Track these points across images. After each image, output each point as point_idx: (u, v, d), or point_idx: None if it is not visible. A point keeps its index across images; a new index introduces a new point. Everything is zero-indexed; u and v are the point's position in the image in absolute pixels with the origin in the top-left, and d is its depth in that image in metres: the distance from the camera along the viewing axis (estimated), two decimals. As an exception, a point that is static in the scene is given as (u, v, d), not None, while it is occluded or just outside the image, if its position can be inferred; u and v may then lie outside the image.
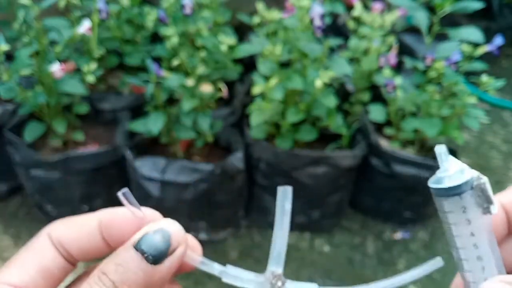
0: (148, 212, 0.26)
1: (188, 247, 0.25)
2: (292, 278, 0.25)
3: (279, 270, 0.25)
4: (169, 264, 0.23)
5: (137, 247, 0.22)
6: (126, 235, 0.24)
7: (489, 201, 0.23)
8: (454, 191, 0.23)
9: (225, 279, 0.25)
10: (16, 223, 1.30)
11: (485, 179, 0.23)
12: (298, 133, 1.19)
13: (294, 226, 1.30)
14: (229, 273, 0.25)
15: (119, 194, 0.24)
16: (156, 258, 0.22)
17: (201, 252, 0.26)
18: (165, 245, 0.23)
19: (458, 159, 0.25)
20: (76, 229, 0.25)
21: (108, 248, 0.25)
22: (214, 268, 0.25)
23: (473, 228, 0.23)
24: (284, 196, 0.25)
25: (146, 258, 0.22)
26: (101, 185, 1.25)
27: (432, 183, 0.25)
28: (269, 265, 0.25)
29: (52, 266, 0.24)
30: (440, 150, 0.25)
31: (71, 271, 0.25)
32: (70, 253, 0.25)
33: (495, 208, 0.23)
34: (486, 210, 0.23)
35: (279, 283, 0.24)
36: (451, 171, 0.24)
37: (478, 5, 1.11)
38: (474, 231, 0.23)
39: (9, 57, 1.08)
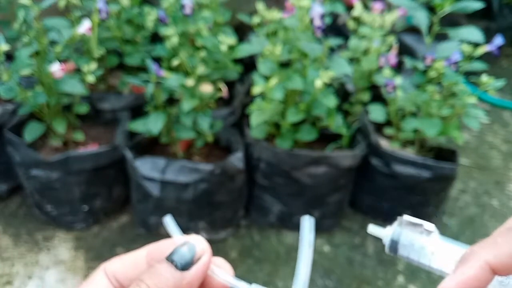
0: (188, 236, 0.29)
1: (217, 266, 0.28)
2: (292, 278, 0.26)
3: None
4: (195, 270, 0.26)
5: (168, 258, 0.26)
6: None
7: (420, 225, 0.26)
8: (394, 240, 0.27)
9: None
10: (16, 223, 1.30)
11: (404, 217, 0.27)
12: (298, 133, 1.19)
13: (294, 226, 1.30)
14: None
15: (164, 219, 0.29)
16: (183, 265, 0.26)
17: (232, 272, 0.28)
18: (191, 254, 0.26)
19: (458, 159, 0.27)
20: (126, 262, 0.28)
21: None
22: (240, 286, 0.27)
23: (430, 247, 0.26)
24: (308, 227, 0.27)
25: (175, 266, 0.26)
26: (101, 185, 1.25)
27: (389, 250, 0.28)
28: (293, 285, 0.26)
29: None
30: (372, 230, 0.29)
31: None
32: (122, 283, 0.28)
33: (430, 226, 0.26)
34: (425, 232, 0.26)
35: None
36: (386, 242, 0.28)
37: (478, 5, 1.11)
38: (433, 250, 0.26)
39: (9, 57, 1.08)
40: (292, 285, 0.27)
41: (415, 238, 0.27)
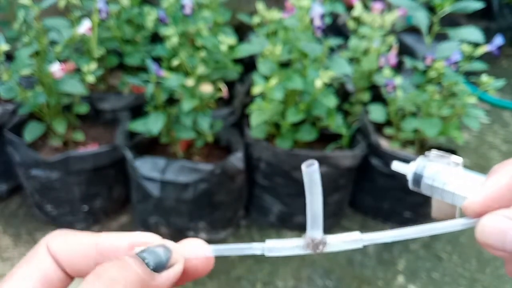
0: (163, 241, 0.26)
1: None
2: (292, 278, 0.25)
3: (318, 233, 0.25)
4: (166, 276, 0.23)
5: (139, 255, 0.23)
6: None
7: (447, 157, 0.26)
8: (418, 173, 0.27)
9: (268, 254, 0.25)
10: (16, 223, 1.30)
11: (432, 151, 0.27)
12: (298, 133, 1.19)
13: (294, 226, 1.30)
14: (272, 247, 0.25)
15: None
16: (155, 266, 0.23)
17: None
18: (166, 256, 0.23)
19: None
20: (73, 248, 0.25)
21: None
22: (255, 248, 0.25)
23: (457, 176, 0.26)
24: (311, 168, 0.25)
25: (147, 264, 0.23)
26: (101, 185, 1.25)
27: (412, 183, 0.28)
28: (308, 229, 0.25)
29: (54, 278, 0.25)
30: (396, 166, 0.29)
31: (70, 283, 0.26)
32: (64, 268, 0.25)
33: (457, 158, 0.26)
34: (452, 164, 0.26)
35: (321, 247, 0.25)
36: (409, 176, 0.28)
37: (478, 5, 1.11)
38: (459, 178, 0.26)
39: (9, 57, 1.08)
40: (307, 222, 0.25)
41: (440, 168, 0.26)
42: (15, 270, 0.24)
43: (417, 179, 0.27)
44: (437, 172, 0.26)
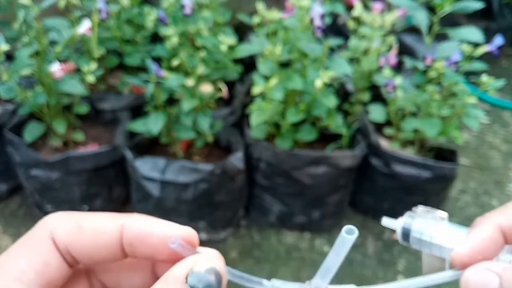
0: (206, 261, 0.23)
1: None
2: (292, 278, 0.25)
3: (324, 284, 0.25)
4: None
5: (193, 285, 0.21)
6: (158, 255, 0.23)
7: (434, 211, 0.28)
8: (406, 228, 0.29)
9: None
10: (16, 223, 1.30)
11: (418, 207, 0.29)
12: (298, 133, 1.19)
13: (294, 226, 1.30)
14: (278, 286, 0.25)
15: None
16: None
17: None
18: (218, 286, 0.22)
19: (458, 159, 0.27)
20: (90, 237, 0.23)
21: (124, 258, 0.24)
22: (265, 284, 0.25)
23: (443, 230, 0.27)
24: (348, 232, 0.25)
25: None
26: (101, 185, 1.25)
27: (401, 237, 0.29)
28: (316, 276, 0.25)
29: (56, 276, 0.23)
30: (385, 222, 0.30)
31: (70, 274, 0.24)
32: (78, 260, 0.23)
33: (442, 213, 0.27)
34: (438, 218, 0.27)
35: None
36: (398, 230, 0.29)
37: (478, 5, 1.11)
38: (445, 232, 0.27)
39: (9, 57, 1.08)
40: (319, 270, 0.25)
41: (427, 223, 0.28)
42: (9, 259, 0.22)
43: (406, 233, 0.29)
44: (424, 226, 0.28)
